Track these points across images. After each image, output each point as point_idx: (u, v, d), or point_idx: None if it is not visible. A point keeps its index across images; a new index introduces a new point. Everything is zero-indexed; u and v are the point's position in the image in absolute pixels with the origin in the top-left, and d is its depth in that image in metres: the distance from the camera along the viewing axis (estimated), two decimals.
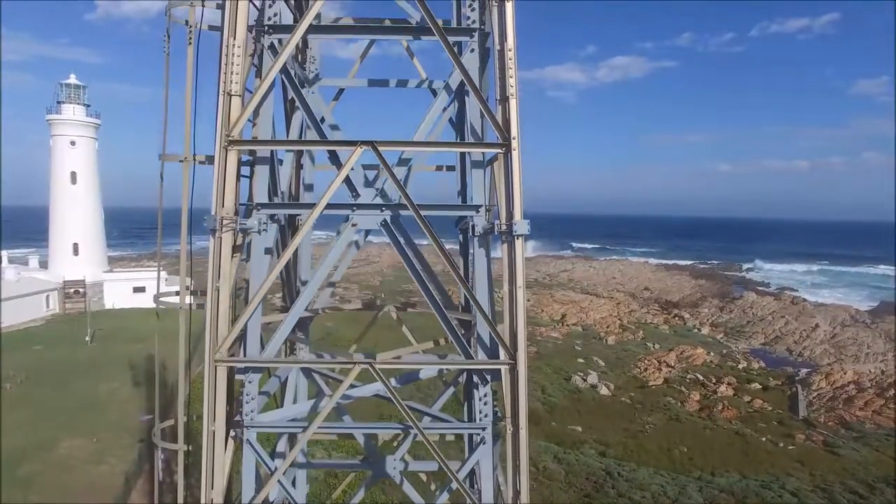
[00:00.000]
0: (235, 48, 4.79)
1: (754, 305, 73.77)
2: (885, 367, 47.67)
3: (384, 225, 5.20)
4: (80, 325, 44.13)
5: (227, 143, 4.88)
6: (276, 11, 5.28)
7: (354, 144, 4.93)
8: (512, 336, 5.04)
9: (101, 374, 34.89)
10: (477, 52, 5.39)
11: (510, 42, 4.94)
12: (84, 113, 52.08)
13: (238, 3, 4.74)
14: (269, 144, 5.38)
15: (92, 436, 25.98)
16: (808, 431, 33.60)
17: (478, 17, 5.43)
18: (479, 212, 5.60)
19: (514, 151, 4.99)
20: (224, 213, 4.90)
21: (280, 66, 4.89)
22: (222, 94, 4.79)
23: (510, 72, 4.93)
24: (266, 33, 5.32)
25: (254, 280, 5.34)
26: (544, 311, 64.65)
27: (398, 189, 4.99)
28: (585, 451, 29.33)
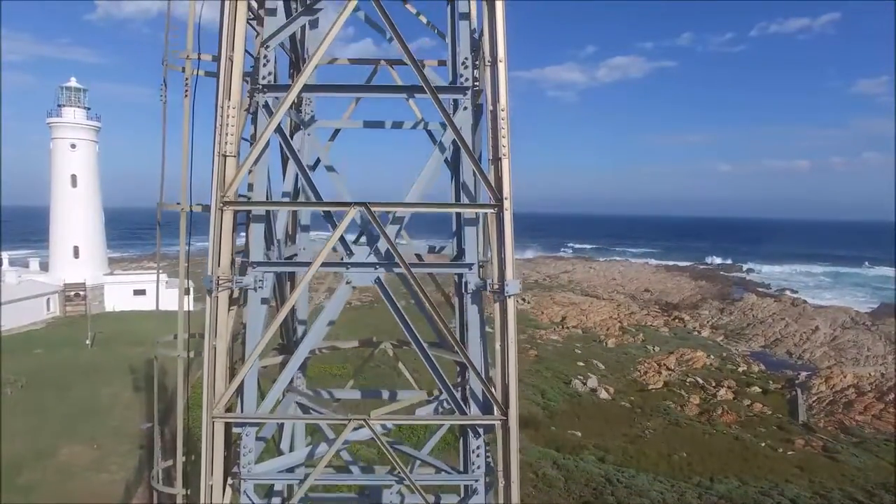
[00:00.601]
0: (230, 109, 4.83)
1: (754, 307, 73.82)
2: (884, 370, 47.67)
3: (378, 282, 5.26)
4: (81, 328, 44.21)
5: (223, 203, 4.89)
6: (270, 70, 5.32)
7: (348, 206, 4.99)
8: (504, 392, 5.08)
9: (101, 379, 34.96)
10: (470, 110, 5.43)
11: (503, 102, 4.95)
12: (84, 116, 52.17)
13: (233, 64, 4.78)
14: (265, 205, 5.42)
15: (92, 442, 26.04)
16: (808, 436, 33.63)
17: (471, 75, 5.48)
18: (472, 269, 5.64)
19: (506, 212, 5.01)
20: (220, 272, 4.94)
21: (275, 126, 4.93)
22: (217, 156, 4.83)
23: (503, 132, 4.96)
24: (260, 92, 5.35)
25: (251, 331, 5.39)
26: (544, 313, 64.68)
27: (391, 249, 5.04)
28: (585, 456, 29.33)
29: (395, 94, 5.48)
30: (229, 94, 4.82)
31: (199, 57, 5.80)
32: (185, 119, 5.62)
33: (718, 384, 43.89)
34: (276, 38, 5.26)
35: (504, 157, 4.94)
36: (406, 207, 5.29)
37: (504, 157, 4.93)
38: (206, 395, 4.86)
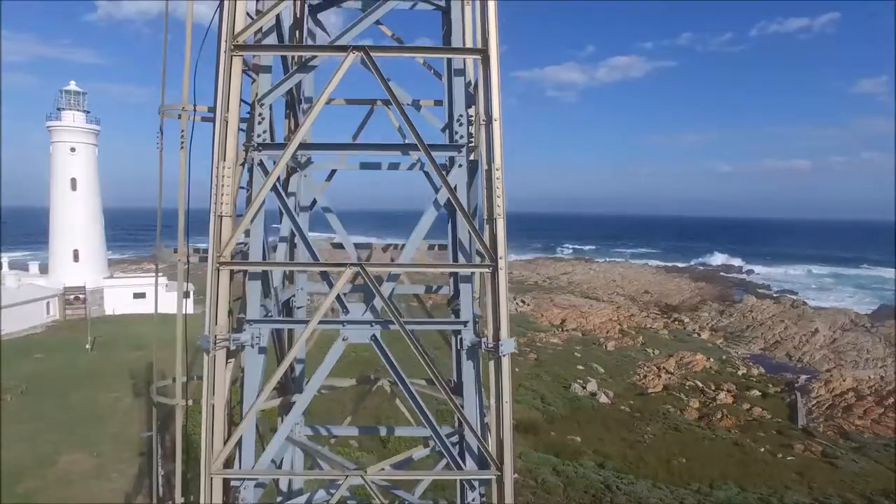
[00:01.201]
0: (225, 170, 4.85)
1: (754, 309, 73.81)
2: (884, 374, 47.71)
3: (374, 340, 5.29)
4: (81, 331, 44.25)
5: (219, 264, 4.92)
6: (265, 128, 5.34)
7: (344, 266, 5.01)
8: (499, 447, 5.10)
9: (101, 384, 34.99)
10: (465, 167, 5.46)
11: (497, 162, 4.96)
12: (84, 119, 52.18)
13: (228, 126, 4.79)
14: (261, 265, 5.42)
15: (92, 449, 26.06)
16: (807, 441, 33.66)
17: (466, 132, 5.50)
18: (468, 325, 5.69)
19: (500, 271, 5.03)
20: (217, 330, 4.97)
21: (270, 186, 4.95)
22: (213, 216, 4.84)
23: (497, 191, 4.96)
24: (255, 150, 5.36)
25: (248, 381, 5.41)
26: (544, 315, 64.71)
27: (387, 308, 5.07)
28: (584, 462, 29.36)
29: (391, 151, 5.49)
30: (224, 154, 4.84)
31: (194, 108, 5.81)
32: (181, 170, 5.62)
33: (718, 388, 43.92)
34: (270, 95, 5.29)
35: (499, 217, 4.95)
36: (402, 268, 5.32)
37: (499, 216, 4.94)
38: (205, 452, 4.87)
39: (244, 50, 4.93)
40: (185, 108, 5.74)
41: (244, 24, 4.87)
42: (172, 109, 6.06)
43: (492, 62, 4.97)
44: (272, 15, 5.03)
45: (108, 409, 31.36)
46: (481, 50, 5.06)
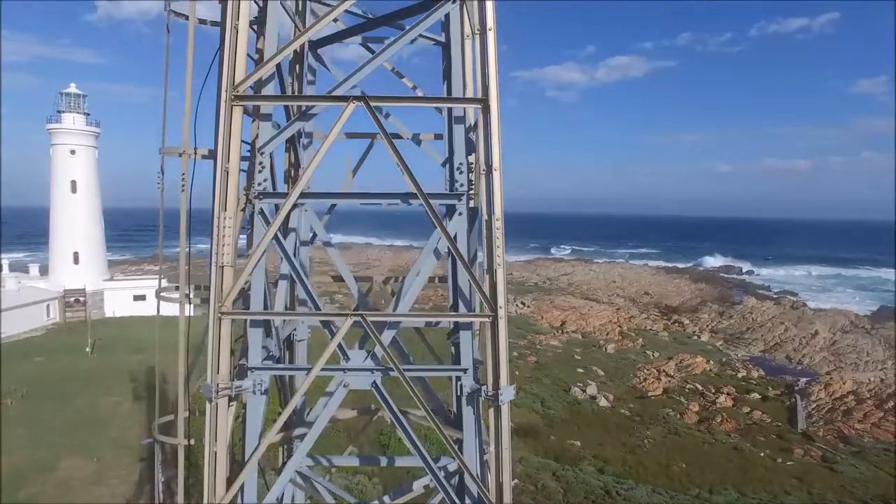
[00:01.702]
0: (226, 220, 4.86)
1: (754, 311, 73.81)
2: (884, 376, 47.71)
3: (374, 386, 5.32)
4: (81, 334, 44.30)
5: (220, 314, 4.92)
6: (265, 177, 5.35)
7: (344, 315, 5.03)
8: (498, 492, 5.09)
9: (101, 387, 35.04)
10: (465, 215, 5.47)
11: (497, 213, 4.96)
12: (84, 122, 52.24)
13: (228, 178, 4.80)
14: (261, 315, 5.45)
15: (93, 455, 26.10)
16: (807, 446, 33.68)
17: (466, 180, 5.51)
18: (468, 372, 5.71)
19: (500, 320, 5.03)
20: (219, 379, 4.98)
21: (272, 236, 4.97)
22: (215, 266, 4.86)
23: (497, 242, 4.96)
24: (255, 198, 5.37)
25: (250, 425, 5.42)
26: (544, 317, 64.71)
27: (386, 355, 5.09)
28: (584, 467, 29.37)
29: (391, 200, 5.51)
30: (225, 205, 4.86)
31: (195, 151, 5.81)
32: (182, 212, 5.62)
33: (718, 391, 43.94)
34: (270, 144, 5.30)
35: (499, 267, 4.96)
36: (401, 317, 5.34)
37: (499, 266, 4.95)
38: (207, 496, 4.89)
39: (245, 100, 4.95)
40: (186, 152, 5.75)
41: (244, 73, 4.89)
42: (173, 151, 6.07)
43: (492, 111, 4.98)
44: (272, 64, 5.04)
45: (108, 413, 31.39)
46: (481, 99, 5.08)
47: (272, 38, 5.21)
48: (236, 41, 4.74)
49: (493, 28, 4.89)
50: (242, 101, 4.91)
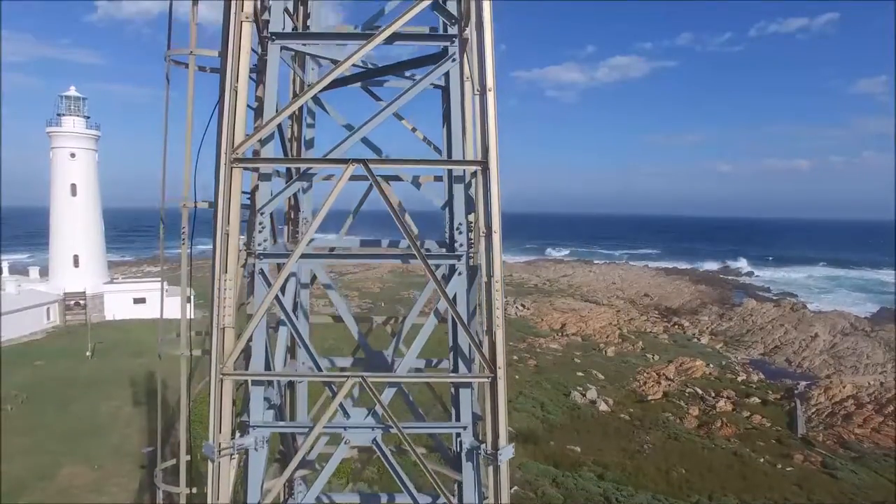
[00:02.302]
0: (226, 282, 4.86)
1: (754, 313, 73.82)
2: (883, 380, 47.72)
3: (375, 443, 5.33)
4: (81, 337, 44.31)
5: (222, 375, 4.92)
6: (265, 237, 5.35)
7: (345, 377, 5.04)
8: None
9: (101, 393, 35.03)
10: (465, 274, 5.47)
11: (497, 274, 4.95)
12: (84, 125, 52.25)
13: (229, 242, 4.80)
14: (263, 376, 5.47)
15: (93, 462, 26.10)
16: (807, 451, 33.66)
17: (465, 240, 5.51)
18: (467, 429, 5.65)
19: (500, 381, 5.03)
20: (221, 438, 4.98)
21: (273, 296, 4.96)
22: (216, 329, 4.87)
23: (496, 303, 4.96)
24: (257, 258, 5.37)
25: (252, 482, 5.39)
26: (544, 320, 64.71)
27: (387, 415, 5.09)
28: (584, 473, 29.36)
29: (392, 259, 5.50)
30: (226, 267, 4.85)
31: (195, 204, 5.82)
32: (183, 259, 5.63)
33: (718, 395, 43.94)
34: (269, 205, 5.30)
35: (498, 329, 4.95)
36: (402, 378, 5.35)
37: (498, 327, 4.95)
38: None
39: (244, 163, 4.95)
40: (186, 205, 5.75)
41: (244, 135, 4.89)
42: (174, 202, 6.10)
43: (492, 173, 4.97)
44: (272, 126, 5.04)
45: (108, 418, 31.39)
46: (481, 161, 5.07)
47: (272, 88, 5.22)
48: (235, 103, 4.75)
49: (492, 88, 4.89)
50: (242, 163, 4.91)
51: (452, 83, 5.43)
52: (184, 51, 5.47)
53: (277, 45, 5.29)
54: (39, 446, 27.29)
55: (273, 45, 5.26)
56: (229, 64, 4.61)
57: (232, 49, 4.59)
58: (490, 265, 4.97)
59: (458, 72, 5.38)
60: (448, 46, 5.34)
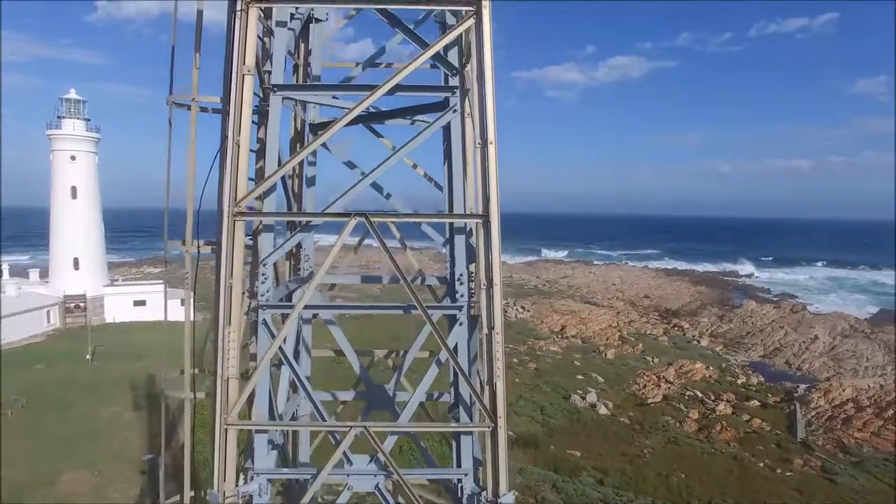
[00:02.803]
0: (231, 334, 4.89)
1: (754, 314, 73.84)
2: (883, 382, 47.76)
3: (378, 489, 5.36)
4: (81, 340, 44.30)
5: (227, 426, 4.94)
6: (268, 287, 5.39)
7: (348, 427, 5.07)
8: None
9: (102, 397, 35.03)
10: (466, 325, 5.50)
11: (497, 326, 4.98)
12: (84, 127, 52.28)
13: (232, 292, 4.83)
14: (267, 425, 5.49)
15: (93, 468, 26.11)
16: (806, 456, 33.70)
17: (466, 291, 5.53)
18: (468, 475, 5.67)
19: (500, 430, 5.05)
20: (226, 487, 5.00)
21: (277, 346, 5.01)
22: (219, 379, 4.89)
23: (497, 354, 4.98)
24: (260, 308, 5.39)
25: None
26: (544, 322, 64.76)
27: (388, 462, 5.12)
28: (584, 478, 29.40)
29: (394, 310, 5.55)
30: (229, 319, 4.88)
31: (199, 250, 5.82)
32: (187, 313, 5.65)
33: (717, 398, 43.99)
34: (273, 255, 5.33)
35: (499, 379, 4.98)
36: (403, 428, 5.39)
37: (499, 378, 4.97)
38: None
39: (246, 216, 4.97)
40: (189, 251, 5.77)
41: (246, 189, 4.90)
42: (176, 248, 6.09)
43: (493, 227, 4.99)
44: (275, 179, 5.06)
45: (108, 423, 31.39)
46: (482, 215, 5.10)
47: (273, 139, 5.24)
48: (238, 157, 4.77)
49: (493, 141, 4.91)
50: (244, 216, 4.94)
51: (454, 133, 5.46)
52: (186, 97, 5.50)
53: (279, 95, 5.33)
54: (40, 451, 27.29)
55: (275, 96, 5.29)
56: (231, 117, 4.63)
57: (234, 103, 4.61)
58: (491, 316, 5.00)
59: (458, 122, 5.42)
60: (449, 97, 5.38)
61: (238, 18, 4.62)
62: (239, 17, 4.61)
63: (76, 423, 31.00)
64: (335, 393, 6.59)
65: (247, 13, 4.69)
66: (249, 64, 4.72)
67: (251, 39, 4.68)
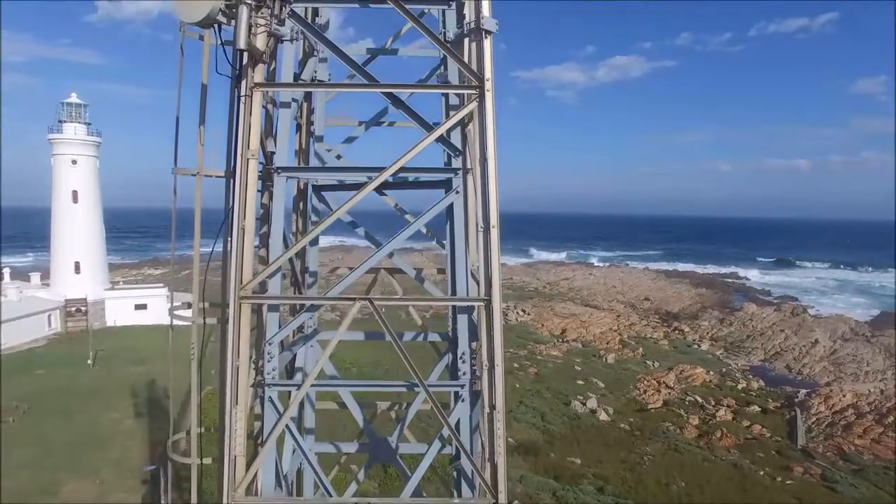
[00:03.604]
0: (238, 414, 4.92)
1: (754, 318, 73.89)
2: (884, 387, 47.82)
3: None
4: (82, 344, 44.35)
5: (233, 500, 4.96)
6: (274, 366, 5.41)
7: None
8: None
9: (103, 403, 35.07)
10: (468, 401, 5.52)
11: (499, 405, 5.00)
12: (85, 132, 52.34)
13: (239, 373, 4.86)
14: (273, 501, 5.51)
15: (95, 476, 26.16)
16: (807, 463, 33.72)
17: (469, 369, 5.58)
18: None
19: None
20: None
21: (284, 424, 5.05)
22: (227, 458, 4.91)
23: (498, 433, 5.01)
24: (265, 385, 5.42)
25: None
26: (544, 325, 64.80)
27: None
28: (584, 486, 29.43)
29: (398, 388, 5.59)
30: (237, 399, 4.91)
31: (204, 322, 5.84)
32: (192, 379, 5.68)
33: (718, 403, 44.05)
34: (278, 335, 5.37)
35: (500, 456, 5.01)
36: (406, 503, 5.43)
37: (500, 456, 5.01)
38: None
39: (251, 299, 5.00)
40: (195, 322, 5.79)
41: (252, 274, 4.94)
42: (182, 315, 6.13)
43: (495, 309, 5.02)
44: (278, 264, 5.10)
45: (110, 430, 31.43)
46: (484, 299, 5.13)
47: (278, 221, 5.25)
48: (243, 243, 4.80)
49: (496, 225, 4.93)
50: (249, 300, 4.97)
51: (457, 214, 5.50)
52: (190, 170, 5.51)
53: (283, 177, 5.36)
54: (41, 459, 27.35)
55: (279, 177, 5.32)
56: (236, 202, 4.65)
57: (238, 188, 4.64)
58: (492, 396, 5.03)
59: (461, 203, 5.44)
60: (452, 178, 5.40)
61: (242, 104, 4.65)
62: (244, 103, 4.65)
63: (78, 430, 31.03)
64: (338, 444, 6.61)
65: (251, 98, 4.73)
66: (254, 148, 4.75)
67: (255, 124, 4.71)
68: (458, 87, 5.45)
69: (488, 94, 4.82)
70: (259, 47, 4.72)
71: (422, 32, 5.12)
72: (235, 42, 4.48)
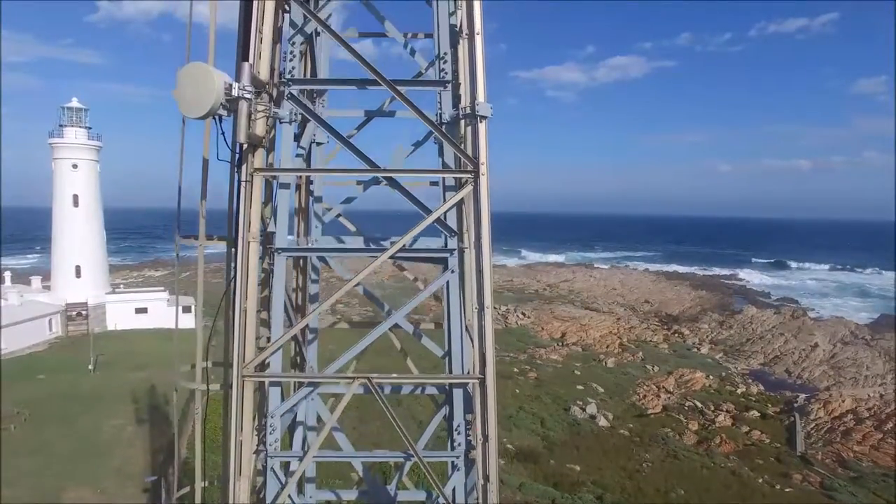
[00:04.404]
0: (241, 484, 5.00)
1: (754, 321, 73.94)
2: (883, 392, 47.90)
3: None
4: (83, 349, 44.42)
5: None
6: (276, 438, 5.51)
7: None
8: None
9: (104, 409, 35.13)
10: (463, 470, 5.60)
11: (493, 477, 5.09)
12: (86, 136, 52.41)
13: (242, 447, 4.95)
14: None
15: (96, 485, 26.24)
16: (805, 471, 33.84)
17: (464, 440, 5.66)
18: None
19: None
20: None
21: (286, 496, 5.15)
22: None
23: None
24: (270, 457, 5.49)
25: None
26: (544, 329, 64.88)
27: None
28: (583, 495, 29.54)
29: (395, 458, 5.68)
30: (240, 470, 4.97)
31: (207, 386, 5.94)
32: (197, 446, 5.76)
33: (717, 408, 44.16)
34: (280, 408, 5.47)
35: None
36: None
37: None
38: None
39: (254, 377, 5.09)
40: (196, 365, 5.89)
41: (254, 353, 5.03)
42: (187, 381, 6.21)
43: (489, 389, 5.12)
44: (280, 343, 5.19)
45: (111, 438, 31.47)
46: (479, 377, 5.22)
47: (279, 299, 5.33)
48: (245, 323, 4.89)
49: (490, 305, 5.05)
50: (252, 378, 5.05)
51: (452, 294, 5.59)
52: (192, 240, 5.60)
53: (284, 256, 5.45)
54: (43, 468, 27.43)
55: (280, 256, 5.41)
56: (239, 285, 4.74)
57: (240, 270, 4.73)
58: (485, 467, 5.13)
59: (457, 283, 5.54)
60: (448, 258, 5.50)
61: (243, 189, 4.74)
62: (244, 188, 4.74)
63: (79, 437, 31.10)
64: (338, 492, 6.71)
65: (251, 183, 4.82)
66: (254, 231, 4.84)
67: (255, 209, 4.80)
68: (453, 172, 5.59)
69: (483, 177, 4.91)
70: (258, 133, 4.81)
71: (418, 117, 5.21)
72: (236, 135, 4.57)
